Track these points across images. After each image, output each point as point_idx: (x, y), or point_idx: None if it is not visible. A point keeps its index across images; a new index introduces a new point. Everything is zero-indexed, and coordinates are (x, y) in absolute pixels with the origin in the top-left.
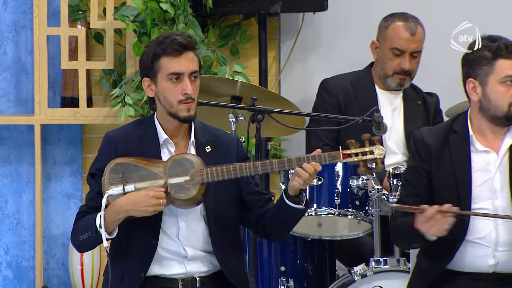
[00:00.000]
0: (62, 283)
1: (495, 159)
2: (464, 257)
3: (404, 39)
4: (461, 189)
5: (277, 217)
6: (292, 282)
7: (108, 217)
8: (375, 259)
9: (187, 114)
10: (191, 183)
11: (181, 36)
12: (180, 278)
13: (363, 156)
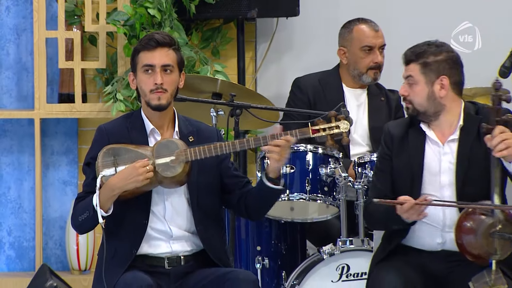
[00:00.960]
0: (59, 261)
1: (443, 150)
2: (416, 235)
3: (371, 36)
4: (414, 176)
5: (257, 198)
6: (267, 260)
7: (103, 195)
8: (342, 239)
9: (158, 102)
10: (177, 162)
11: (158, 34)
12: (166, 256)
13: (330, 130)
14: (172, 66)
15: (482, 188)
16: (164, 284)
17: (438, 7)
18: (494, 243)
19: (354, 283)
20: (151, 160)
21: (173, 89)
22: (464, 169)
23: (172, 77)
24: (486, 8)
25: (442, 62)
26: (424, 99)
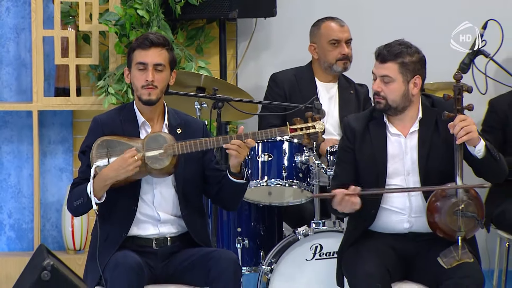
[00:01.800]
0: (56, 242)
1: (405, 142)
2: (384, 221)
3: (337, 30)
4: (378, 167)
5: (226, 191)
6: (247, 240)
7: (97, 185)
8: (315, 221)
9: (148, 97)
10: (165, 155)
11: (153, 35)
12: (154, 238)
13: (307, 130)
14: (164, 65)
15: (442, 173)
16: (152, 263)
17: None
18: (458, 221)
19: (326, 261)
20: (141, 152)
21: (163, 86)
22: (425, 158)
23: (163, 75)
24: (406, 13)
25: (417, 63)
26: (399, 96)
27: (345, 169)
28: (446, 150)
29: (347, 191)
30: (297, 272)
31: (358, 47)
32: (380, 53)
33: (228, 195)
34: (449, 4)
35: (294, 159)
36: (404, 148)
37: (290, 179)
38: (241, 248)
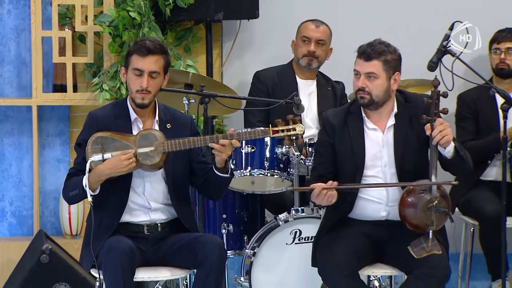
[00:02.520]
0: (54, 227)
1: (382, 135)
2: (362, 210)
3: (311, 29)
4: (357, 159)
5: (211, 184)
6: (232, 226)
7: (92, 179)
8: (295, 208)
9: (141, 101)
10: (155, 152)
11: (151, 42)
12: (145, 224)
13: (288, 132)
14: (158, 72)
15: (418, 167)
16: (144, 247)
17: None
18: (431, 216)
19: (305, 245)
20: (133, 149)
21: (156, 90)
22: (401, 151)
23: (157, 81)
24: (379, 16)
25: (396, 60)
26: (382, 92)
27: (323, 162)
28: (419, 144)
29: (324, 185)
30: (278, 255)
31: (335, 47)
32: (364, 51)
33: (213, 187)
34: (418, 6)
35: (275, 151)
36: (381, 142)
37: (271, 169)
38: (226, 233)
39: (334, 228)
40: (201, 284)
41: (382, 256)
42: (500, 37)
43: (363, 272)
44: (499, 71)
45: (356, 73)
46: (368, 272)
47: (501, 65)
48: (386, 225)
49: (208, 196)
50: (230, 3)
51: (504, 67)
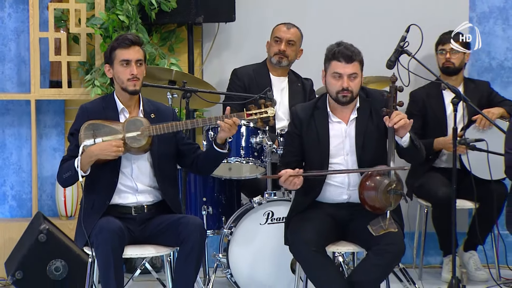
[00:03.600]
0: (50, 210)
1: (345, 127)
2: (327, 194)
3: (282, 31)
4: (322, 149)
5: (207, 159)
6: (211, 208)
7: (83, 160)
8: (268, 192)
9: (134, 88)
10: (142, 136)
11: (130, 35)
12: (133, 206)
13: (260, 114)
14: (142, 60)
15: (377, 155)
16: (132, 227)
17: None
18: (390, 198)
19: (276, 225)
20: (122, 133)
21: (143, 77)
22: (361, 141)
23: (142, 68)
24: (344, 20)
25: (363, 60)
26: (359, 89)
27: (291, 151)
28: (378, 135)
29: (291, 172)
30: (252, 234)
31: (305, 48)
32: (344, 54)
33: (209, 162)
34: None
35: (250, 140)
36: (344, 133)
37: (247, 157)
38: (206, 214)
39: (303, 210)
40: (184, 260)
41: (345, 235)
42: (445, 39)
43: (329, 249)
44: (446, 69)
45: (339, 75)
46: (333, 249)
47: (447, 63)
48: (348, 207)
49: (199, 172)
50: (210, 8)
51: (450, 66)
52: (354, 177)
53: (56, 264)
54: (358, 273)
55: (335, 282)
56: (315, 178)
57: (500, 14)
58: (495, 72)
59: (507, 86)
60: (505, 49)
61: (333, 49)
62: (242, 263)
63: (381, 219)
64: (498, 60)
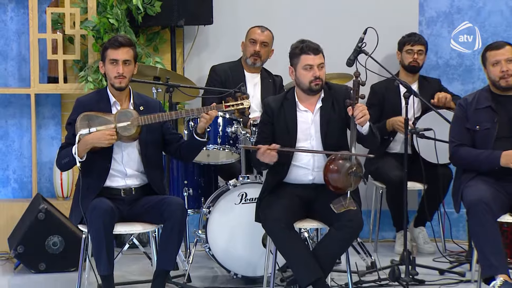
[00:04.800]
0: (49, 191)
1: (311, 116)
2: (294, 175)
3: (257, 33)
4: (290, 134)
5: (189, 147)
6: (191, 190)
7: (80, 148)
8: (242, 175)
9: (119, 85)
10: (132, 126)
11: (121, 37)
12: (122, 188)
13: (237, 106)
14: (130, 60)
15: (339, 140)
16: (121, 207)
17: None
18: (351, 180)
19: (249, 205)
20: (114, 124)
21: (130, 75)
22: (325, 128)
23: (130, 68)
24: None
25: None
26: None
27: (264, 137)
28: (339, 123)
29: (269, 146)
30: (228, 213)
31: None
32: (311, 48)
33: (190, 150)
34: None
35: (226, 130)
36: (310, 121)
37: (223, 145)
38: (187, 195)
39: (273, 191)
40: (167, 236)
41: (310, 213)
42: (413, 40)
43: (296, 225)
44: (412, 68)
45: (310, 66)
46: (299, 225)
47: (413, 63)
48: (312, 187)
49: (181, 159)
50: (190, 12)
51: (415, 65)
52: (319, 160)
53: (53, 239)
54: (321, 246)
55: (301, 254)
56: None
57: (445, 18)
58: (442, 70)
59: (452, 82)
60: (450, 50)
61: (299, 45)
62: (219, 238)
63: (342, 199)
64: (444, 59)
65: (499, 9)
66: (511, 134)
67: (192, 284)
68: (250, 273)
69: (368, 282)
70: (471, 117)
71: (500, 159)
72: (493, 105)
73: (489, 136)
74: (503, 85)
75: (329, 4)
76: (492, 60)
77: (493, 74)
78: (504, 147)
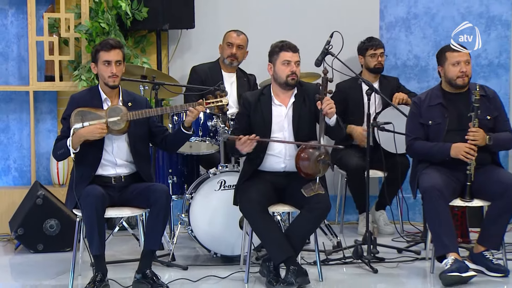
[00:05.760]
0: (46, 179)
1: (285, 110)
2: (268, 163)
3: (233, 37)
4: (265, 126)
5: (175, 139)
6: (175, 177)
7: (74, 140)
8: (221, 165)
9: (113, 83)
10: (121, 121)
11: (112, 40)
12: (113, 176)
13: (217, 103)
14: (121, 61)
15: (308, 132)
16: (112, 193)
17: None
18: (319, 167)
19: (228, 191)
20: (105, 119)
21: (121, 74)
22: (297, 120)
23: (121, 68)
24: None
25: None
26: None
27: (241, 128)
28: (310, 117)
29: (249, 136)
30: (209, 198)
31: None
32: (290, 46)
33: (175, 141)
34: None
35: (207, 123)
36: (284, 114)
37: (204, 137)
38: (171, 183)
39: (249, 178)
40: (153, 219)
41: (283, 198)
42: (374, 45)
43: (270, 209)
44: (377, 70)
45: (288, 62)
46: (273, 209)
47: (378, 65)
48: (284, 175)
49: (166, 149)
50: (174, 17)
51: (380, 67)
52: (291, 149)
53: (50, 222)
54: (293, 228)
55: (275, 235)
56: (259, 148)
57: (403, 24)
58: (400, 70)
59: (409, 81)
60: (407, 52)
61: (279, 44)
62: (200, 221)
63: (312, 184)
64: (402, 60)
65: (451, 15)
66: (460, 128)
67: (176, 262)
68: (229, 252)
69: (334, 260)
70: (424, 114)
71: (450, 150)
72: (443, 102)
73: (440, 130)
74: (459, 84)
75: (299, 11)
76: (453, 60)
77: (451, 73)
78: (454, 140)
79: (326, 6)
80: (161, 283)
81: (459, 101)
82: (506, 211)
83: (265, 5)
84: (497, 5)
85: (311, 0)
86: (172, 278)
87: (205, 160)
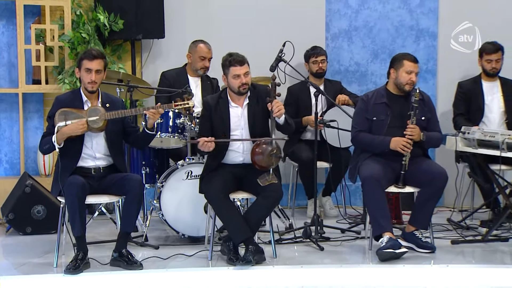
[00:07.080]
0: (34, 170)
1: (241, 110)
2: (229, 157)
3: (205, 52)
4: (225, 126)
5: (142, 139)
6: (148, 168)
7: (58, 137)
8: (188, 157)
9: (91, 89)
10: (100, 120)
11: (95, 50)
12: (92, 168)
13: (184, 105)
14: (101, 70)
15: (262, 129)
16: (91, 182)
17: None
18: (272, 159)
19: (194, 180)
20: (85, 118)
21: (100, 81)
22: (252, 119)
23: (100, 76)
24: (255, 33)
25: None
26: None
27: (204, 129)
28: (263, 116)
29: (206, 139)
30: (177, 186)
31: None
32: (237, 60)
33: (142, 141)
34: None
35: (176, 121)
36: (240, 115)
37: (173, 133)
38: (144, 173)
39: (213, 170)
40: (128, 205)
41: (242, 186)
42: (316, 53)
43: (231, 196)
44: (319, 74)
45: (237, 76)
46: (233, 196)
47: (319, 70)
48: (243, 166)
49: (137, 147)
50: (146, 28)
51: (321, 72)
52: (247, 145)
53: (37, 208)
54: (250, 212)
55: (235, 218)
56: (222, 146)
57: (346, 35)
58: (343, 74)
59: (350, 84)
60: (349, 59)
61: (227, 59)
62: (170, 206)
63: (266, 174)
64: (344, 66)
65: (386, 28)
66: (400, 124)
67: (149, 242)
68: (195, 233)
69: (286, 239)
70: (370, 110)
71: (389, 143)
72: (387, 101)
73: (382, 125)
74: (406, 89)
75: (258, 23)
76: (409, 69)
77: (403, 78)
78: (394, 134)
79: (281, 19)
80: (135, 260)
81: (401, 102)
82: (434, 196)
83: (227, 17)
84: (425, 19)
85: (268, 13)
86: (145, 256)
87: (174, 153)
